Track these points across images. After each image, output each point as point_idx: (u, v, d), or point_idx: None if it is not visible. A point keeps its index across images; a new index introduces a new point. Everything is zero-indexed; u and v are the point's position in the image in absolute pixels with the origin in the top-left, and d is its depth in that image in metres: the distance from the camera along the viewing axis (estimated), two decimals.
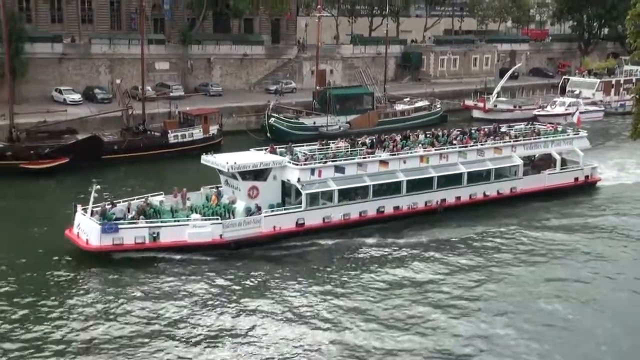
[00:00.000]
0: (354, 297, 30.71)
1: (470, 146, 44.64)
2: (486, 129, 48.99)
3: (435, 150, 43.16)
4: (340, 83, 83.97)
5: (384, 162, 40.78)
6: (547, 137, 48.91)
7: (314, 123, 66.65)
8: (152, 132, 57.64)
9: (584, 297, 31.02)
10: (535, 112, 79.72)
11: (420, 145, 43.99)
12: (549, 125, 52.99)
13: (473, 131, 48.68)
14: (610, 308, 29.98)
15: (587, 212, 44.17)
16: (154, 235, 34.42)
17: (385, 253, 36.12)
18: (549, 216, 42.89)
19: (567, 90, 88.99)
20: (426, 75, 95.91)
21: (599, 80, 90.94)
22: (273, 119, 64.83)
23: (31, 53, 68.20)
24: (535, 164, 49.05)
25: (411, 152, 42.33)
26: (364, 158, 40.46)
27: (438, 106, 77.07)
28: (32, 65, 68.15)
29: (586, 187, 49.25)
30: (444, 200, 42.42)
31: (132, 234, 34.17)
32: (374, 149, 42.11)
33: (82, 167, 49.59)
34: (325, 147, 41.96)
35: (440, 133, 47.15)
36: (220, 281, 31.99)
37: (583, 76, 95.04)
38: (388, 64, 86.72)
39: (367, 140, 43.62)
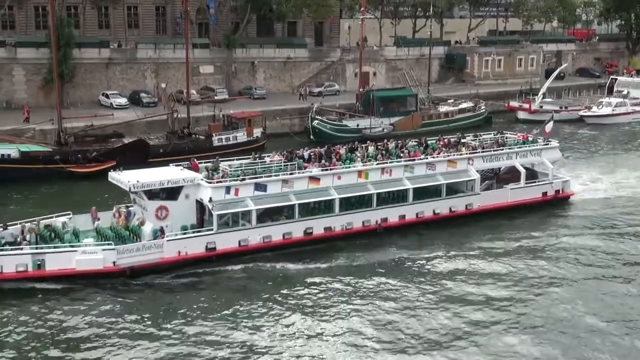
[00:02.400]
0: (268, 332, 27.57)
1: (419, 159, 40.87)
2: (446, 140, 44.95)
3: (377, 164, 39.57)
4: (384, 85, 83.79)
5: (314, 179, 37.28)
6: (510, 148, 44.53)
7: (358, 125, 66.69)
8: (197, 135, 58.26)
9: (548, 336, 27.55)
10: (581, 113, 78.73)
11: (360, 158, 40.23)
12: (519, 134, 48.75)
13: (432, 142, 44.53)
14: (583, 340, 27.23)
15: (550, 232, 40.00)
16: (39, 262, 30.86)
17: (310, 280, 32.40)
18: (505, 237, 38.86)
19: (614, 91, 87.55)
20: (470, 77, 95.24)
21: None
22: (316, 121, 65.01)
23: (79, 58, 69.66)
24: (502, 178, 44.77)
25: (346, 167, 38.94)
26: (290, 174, 37.05)
27: (482, 107, 76.50)
28: (79, 70, 69.66)
29: (556, 203, 44.70)
30: (385, 219, 38.59)
31: (12, 262, 30.55)
32: (311, 163, 38.82)
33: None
34: (257, 161, 38.62)
35: (392, 145, 42.99)
36: (109, 313, 28.84)
37: (631, 76, 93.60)
38: (432, 65, 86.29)
39: (305, 154, 40.08)
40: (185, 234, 34.07)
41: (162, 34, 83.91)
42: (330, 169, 38.14)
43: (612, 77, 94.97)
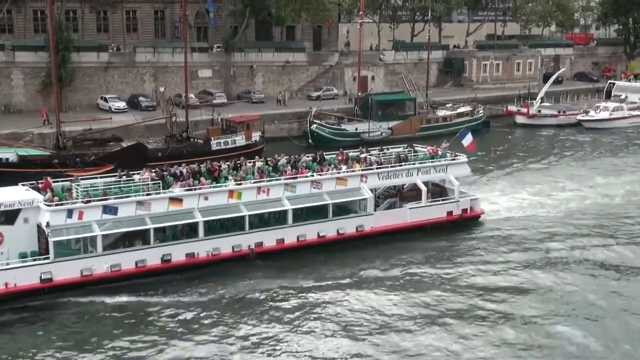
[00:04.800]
0: None
1: (302, 177, 37.42)
2: (345, 154, 41.05)
3: (253, 182, 36.20)
4: (382, 89, 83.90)
5: (175, 200, 33.84)
6: (412, 164, 40.83)
7: (356, 129, 66.81)
8: (195, 139, 58.20)
9: None
10: (579, 117, 78.92)
11: (234, 177, 36.71)
12: (429, 148, 44.14)
13: (331, 157, 41.03)
14: None
15: (447, 257, 36.41)
16: None
17: (167, 315, 29.21)
18: (397, 262, 35.20)
19: (612, 95, 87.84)
20: (468, 81, 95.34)
21: None
22: (315, 125, 65.13)
23: (77, 62, 69.60)
24: (405, 196, 41.05)
25: (214, 187, 35.43)
26: (147, 195, 33.48)
27: (481, 112, 76.71)
28: (78, 74, 69.69)
29: (463, 223, 40.95)
30: (259, 243, 35.21)
31: None
32: (175, 182, 35.26)
33: None
34: (123, 179, 34.68)
35: (283, 160, 39.24)
36: None
37: (629, 80, 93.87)
38: (430, 69, 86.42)
39: (177, 171, 36.45)
40: (24, 262, 30.83)
41: (161, 37, 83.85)
42: (195, 189, 34.80)
43: (610, 81, 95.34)
